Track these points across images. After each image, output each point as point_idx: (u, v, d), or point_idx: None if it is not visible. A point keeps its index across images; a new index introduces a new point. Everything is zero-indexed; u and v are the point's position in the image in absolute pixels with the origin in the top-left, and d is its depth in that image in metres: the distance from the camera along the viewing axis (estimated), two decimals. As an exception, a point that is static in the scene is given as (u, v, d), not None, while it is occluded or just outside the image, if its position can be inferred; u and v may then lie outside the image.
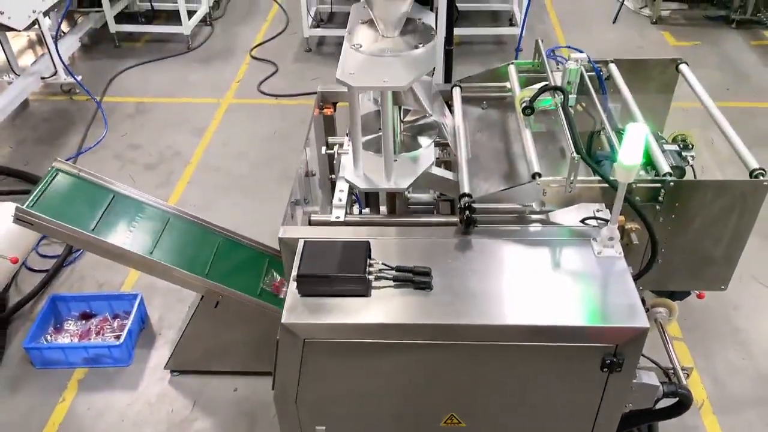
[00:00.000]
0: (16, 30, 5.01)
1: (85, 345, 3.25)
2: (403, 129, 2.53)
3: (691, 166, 2.39)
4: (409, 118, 2.59)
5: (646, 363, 2.30)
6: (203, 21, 6.68)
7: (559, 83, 2.52)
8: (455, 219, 2.23)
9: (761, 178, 2.11)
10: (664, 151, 2.36)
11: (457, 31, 5.78)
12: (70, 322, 3.44)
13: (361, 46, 2.22)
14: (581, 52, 2.74)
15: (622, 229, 2.15)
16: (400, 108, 2.44)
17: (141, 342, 3.44)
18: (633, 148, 1.79)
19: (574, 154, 2.06)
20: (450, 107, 2.82)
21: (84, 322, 3.44)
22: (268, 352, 2.94)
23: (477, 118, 2.78)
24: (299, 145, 5.05)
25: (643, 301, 2.51)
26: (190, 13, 6.37)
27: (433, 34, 2.29)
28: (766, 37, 6.18)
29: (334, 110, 3.05)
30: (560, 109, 2.30)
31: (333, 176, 2.88)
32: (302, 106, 5.50)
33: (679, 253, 2.25)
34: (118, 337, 3.30)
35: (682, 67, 2.73)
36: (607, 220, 2.09)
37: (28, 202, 2.68)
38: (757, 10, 6.27)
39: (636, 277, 2.15)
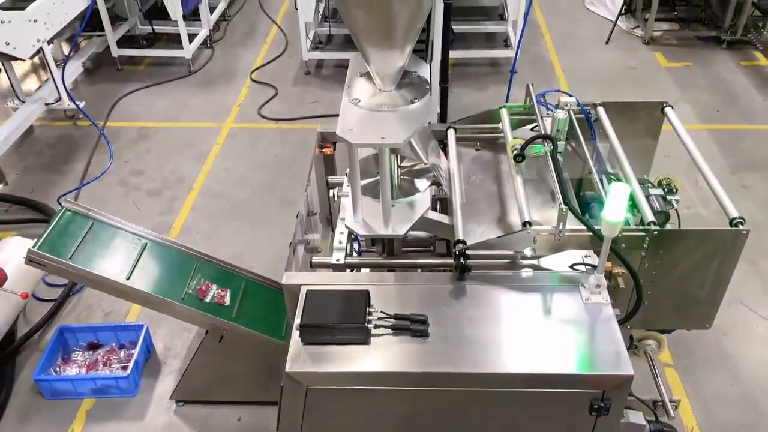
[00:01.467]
0: (21, 59, 5.12)
1: (93, 377, 3.35)
2: (400, 173, 2.64)
3: (676, 210, 2.50)
4: (405, 163, 2.70)
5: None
6: (204, 43, 6.79)
7: (549, 129, 2.64)
8: (450, 260, 2.34)
9: (740, 227, 2.21)
10: (649, 196, 2.47)
11: (453, 54, 5.89)
12: (77, 352, 3.54)
13: (359, 101, 2.33)
14: (571, 96, 2.86)
15: (609, 274, 2.27)
16: (397, 155, 2.55)
17: (147, 371, 3.54)
18: (617, 206, 1.90)
19: (563, 206, 2.17)
20: (445, 148, 2.93)
21: (91, 352, 3.54)
22: (272, 382, 3.04)
23: (471, 160, 2.88)
24: (299, 170, 5.19)
25: (631, 338, 2.64)
26: (191, 37, 6.49)
27: (427, 88, 2.41)
28: (756, 58, 6.30)
29: (334, 149, 3.15)
30: (549, 158, 2.41)
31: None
32: (302, 130, 5.61)
33: (664, 295, 2.35)
34: (124, 368, 3.40)
35: (668, 110, 2.84)
36: (594, 266, 2.20)
37: (39, 244, 2.78)
38: (747, 31, 6.39)
39: (623, 321, 2.26)
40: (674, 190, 2.54)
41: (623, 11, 6.87)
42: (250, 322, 3.04)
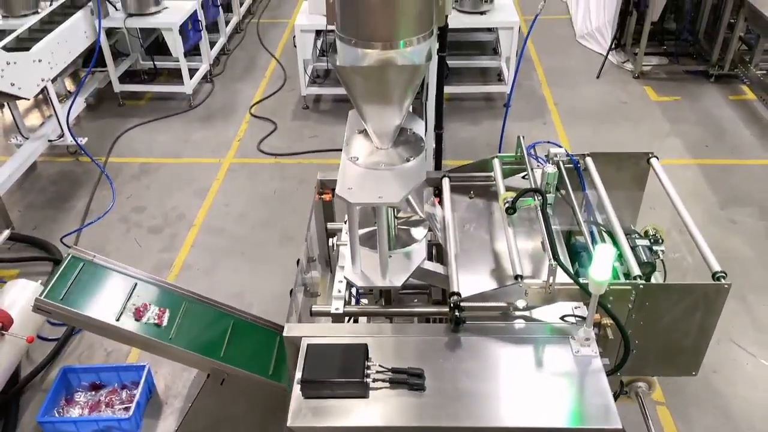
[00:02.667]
0: (25, 99, 5.25)
1: (96, 418, 3.41)
2: (396, 224, 2.74)
3: (662, 260, 2.60)
4: (402, 213, 2.80)
5: None
6: (204, 78, 6.93)
7: (539, 182, 2.75)
8: (445, 309, 2.43)
9: (722, 281, 2.31)
10: (635, 247, 2.58)
11: (448, 89, 6.03)
12: (80, 393, 3.60)
13: (357, 159, 2.44)
14: (560, 147, 2.98)
15: (598, 324, 2.36)
16: (394, 208, 2.65)
17: (148, 411, 3.59)
18: (602, 266, 2.00)
19: (552, 262, 2.27)
20: (440, 196, 3.04)
21: (94, 393, 3.60)
22: (272, 423, 3.11)
23: (465, 208, 2.99)
24: (297, 205, 5.29)
25: (621, 383, 2.72)
26: (192, 72, 6.63)
27: (422, 146, 2.52)
28: (744, 92, 6.46)
29: (333, 196, 3.24)
30: (539, 213, 2.52)
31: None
32: (300, 165, 5.72)
33: (651, 344, 2.44)
34: (126, 409, 3.46)
35: (653, 161, 2.95)
36: (584, 318, 2.29)
37: (45, 292, 2.86)
38: (734, 65, 6.55)
39: (612, 372, 2.35)
40: (660, 240, 2.65)
41: (614, 46, 7.05)
42: (241, 360, 3.10)
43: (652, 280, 2.66)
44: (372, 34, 2.15)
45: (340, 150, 2.50)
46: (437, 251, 3.00)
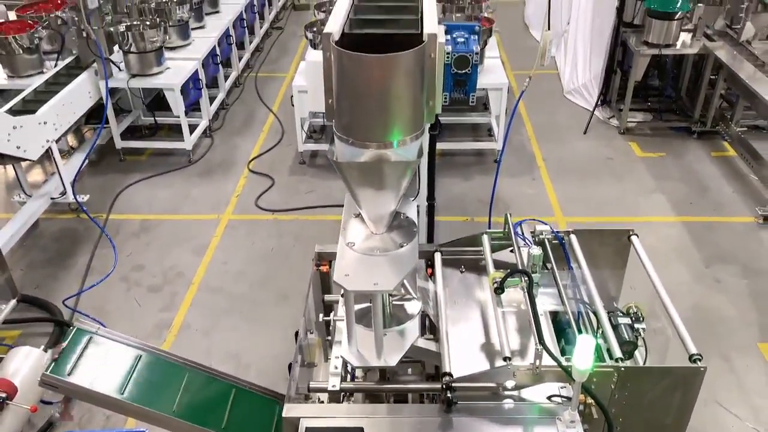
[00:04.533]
0: (30, 160, 5.40)
1: (96, 486, 3.46)
2: (391, 300, 2.87)
3: (643, 338, 2.73)
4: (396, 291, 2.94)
5: None
6: (203, 133, 7.12)
7: (525, 262, 2.90)
8: (438, 385, 2.55)
9: (698, 363, 2.44)
10: (618, 326, 2.72)
11: (441, 145, 6.26)
12: (80, 459, 3.66)
13: (354, 245, 2.59)
14: (545, 224, 3.15)
15: (584, 404, 2.48)
16: (388, 288, 2.79)
17: (147, 477, 3.65)
18: (584, 356, 2.13)
19: (538, 346, 2.40)
20: (432, 267, 3.19)
21: (93, 459, 3.66)
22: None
23: (457, 282, 3.13)
24: (294, 263, 5.41)
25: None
26: (192, 127, 6.82)
27: (415, 231, 2.67)
28: (725, 149, 6.69)
29: (330, 267, 3.38)
30: (525, 295, 2.66)
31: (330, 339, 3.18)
32: (297, 221, 5.87)
33: (634, 422, 2.56)
34: (126, 476, 3.52)
35: (633, 238, 3.11)
36: (569, 398, 2.41)
37: (51, 367, 2.95)
38: (715, 122, 6.81)
39: (597, 451, 2.46)
40: (641, 318, 2.78)
41: (599, 102, 7.31)
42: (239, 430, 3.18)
43: (636, 354, 2.79)
44: (368, 136, 2.32)
45: (336, 206, 2.64)
46: (430, 322, 3.13)
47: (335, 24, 2.38)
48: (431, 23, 2.40)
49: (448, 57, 4.07)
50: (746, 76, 5.93)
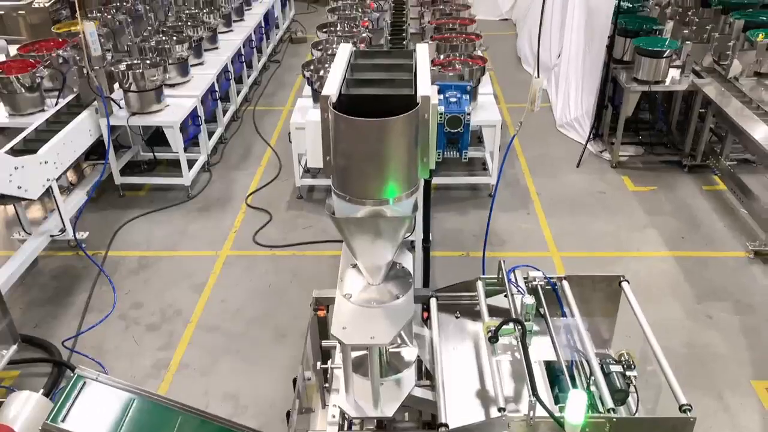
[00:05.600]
0: (30, 200, 5.47)
1: None
2: (388, 348, 2.93)
3: (634, 386, 2.79)
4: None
5: None
6: (202, 168, 7.20)
7: (518, 310, 2.97)
8: (434, 433, 2.59)
9: (688, 414, 2.49)
10: (609, 374, 2.77)
11: (435, 180, 6.29)
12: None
13: (351, 296, 2.66)
14: (538, 270, 3.22)
15: (577, 453, 2.52)
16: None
17: None
18: (576, 411, 2.19)
19: (532, 398, 2.45)
20: (428, 311, 3.25)
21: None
22: None
23: (452, 328, 3.19)
24: (291, 300, 5.46)
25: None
26: (191, 162, 6.91)
27: (410, 282, 2.74)
28: (716, 182, 6.80)
29: (327, 311, 3.44)
30: (519, 344, 2.72)
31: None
32: (295, 257, 5.93)
33: (627, 470, 2.61)
34: None
35: (624, 284, 3.18)
36: (563, 448, 2.46)
37: (53, 415, 2.99)
38: (705, 156, 6.94)
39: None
40: (632, 366, 2.84)
41: (591, 136, 7.44)
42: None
43: (629, 400, 2.84)
44: (364, 194, 2.41)
45: (333, 241, 2.68)
46: (426, 370, 3.18)
47: (333, 86, 2.48)
48: (425, 85, 2.50)
49: (441, 117, 4.18)
50: (733, 112, 6.07)
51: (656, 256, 5.78)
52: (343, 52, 2.82)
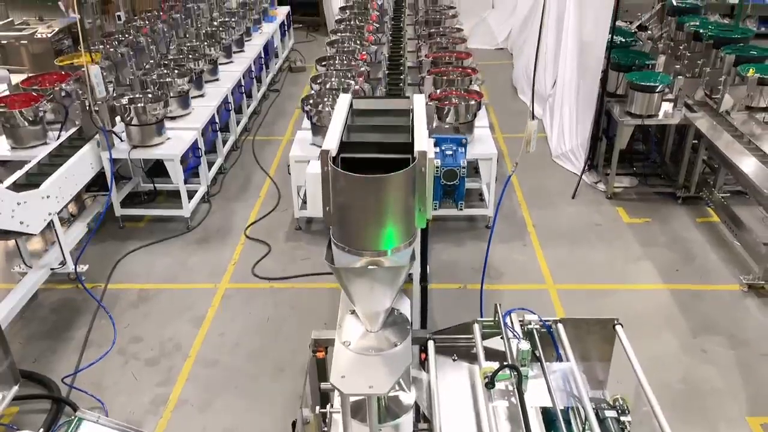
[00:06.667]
0: (32, 234, 5.52)
1: None
2: (386, 395, 2.96)
3: (629, 431, 2.83)
4: (390, 385, 3.03)
5: None
6: (201, 199, 7.28)
7: (515, 351, 3.01)
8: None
9: (681, 462, 2.53)
10: (604, 419, 2.81)
11: (432, 211, 6.43)
12: None
13: (349, 344, 2.70)
14: (534, 313, 3.28)
15: (572, 500, 2.56)
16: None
17: None
18: (570, 462, 2.23)
19: (527, 447, 2.50)
20: (425, 354, 3.29)
21: None
22: None
23: (449, 372, 3.23)
24: (289, 334, 5.49)
25: None
26: (190, 193, 6.98)
27: (408, 329, 2.79)
28: (710, 214, 6.89)
29: (326, 353, 3.48)
30: (515, 391, 2.77)
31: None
32: (293, 289, 5.98)
33: None
34: None
35: (618, 328, 3.24)
36: (559, 496, 2.50)
37: (53, 460, 3.02)
38: (699, 188, 7.03)
39: None
40: (626, 411, 2.89)
41: (587, 167, 7.55)
42: None
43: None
44: (363, 246, 2.47)
45: (330, 274, 2.72)
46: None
47: (332, 141, 2.57)
48: (422, 139, 2.59)
49: (437, 170, 4.28)
50: (724, 146, 6.18)
51: (651, 288, 5.83)
52: (342, 103, 2.91)
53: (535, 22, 10.08)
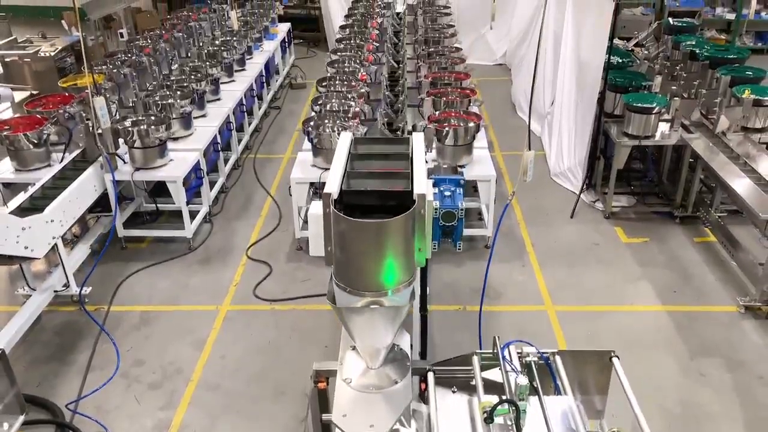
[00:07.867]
0: (36, 259, 5.58)
1: None
2: (386, 428, 3.02)
3: (625, 465, 2.87)
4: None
5: None
6: (203, 218, 7.34)
7: (513, 385, 3.06)
8: None
9: (676, 499, 2.58)
10: (601, 453, 2.86)
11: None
12: None
13: (351, 381, 2.76)
14: (532, 345, 3.33)
15: None
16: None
17: None
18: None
19: (525, 485, 2.54)
20: (425, 382, 3.34)
21: None
22: None
23: (449, 404, 3.27)
24: (290, 356, 5.55)
25: None
26: (192, 213, 7.04)
27: (408, 365, 2.85)
28: (707, 234, 6.95)
29: (327, 383, 3.53)
30: (513, 425, 2.82)
31: None
32: (294, 311, 6.03)
33: None
34: None
35: (614, 360, 3.29)
36: None
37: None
38: (696, 207, 7.10)
39: None
40: (623, 444, 2.93)
41: (585, 186, 7.61)
42: None
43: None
44: (364, 287, 2.53)
45: None
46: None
47: (334, 184, 2.63)
48: (420, 181, 2.66)
49: (436, 212, 4.34)
50: (719, 167, 6.24)
51: (649, 310, 5.89)
52: (344, 143, 2.98)
53: (533, 39, 10.18)
